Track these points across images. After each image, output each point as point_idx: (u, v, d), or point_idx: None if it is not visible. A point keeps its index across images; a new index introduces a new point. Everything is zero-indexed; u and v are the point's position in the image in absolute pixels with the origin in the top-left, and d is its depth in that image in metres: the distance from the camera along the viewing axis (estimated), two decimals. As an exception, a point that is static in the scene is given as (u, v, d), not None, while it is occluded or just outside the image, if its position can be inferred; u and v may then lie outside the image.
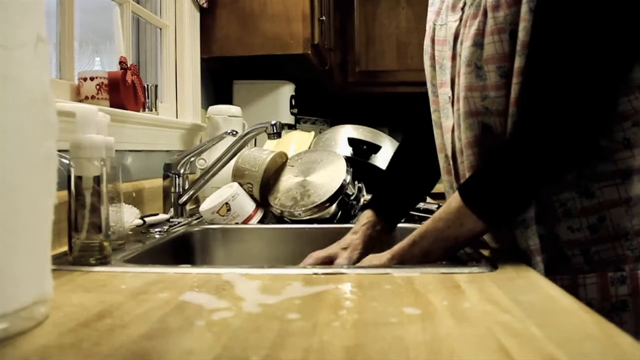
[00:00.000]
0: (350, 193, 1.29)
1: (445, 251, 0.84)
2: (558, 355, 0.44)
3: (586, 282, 0.83)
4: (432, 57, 0.99)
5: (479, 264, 0.78)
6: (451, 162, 0.96)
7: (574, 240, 0.84)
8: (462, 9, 0.90)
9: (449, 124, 0.95)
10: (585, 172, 0.83)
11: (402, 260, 0.85)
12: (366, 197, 1.31)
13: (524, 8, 0.79)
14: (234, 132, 1.44)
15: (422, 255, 0.84)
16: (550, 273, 0.81)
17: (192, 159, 1.39)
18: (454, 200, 0.82)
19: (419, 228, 0.86)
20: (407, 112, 3.20)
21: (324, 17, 2.39)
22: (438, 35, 0.97)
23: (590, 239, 0.83)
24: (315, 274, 0.74)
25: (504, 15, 0.81)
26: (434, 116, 1.02)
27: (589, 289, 0.83)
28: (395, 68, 3.19)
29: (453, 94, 0.93)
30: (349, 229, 1.20)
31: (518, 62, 0.81)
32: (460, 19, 0.90)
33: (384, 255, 0.88)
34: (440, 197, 1.08)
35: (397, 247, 0.87)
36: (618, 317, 0.81)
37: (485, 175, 0.83)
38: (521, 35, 0.80)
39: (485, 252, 0.87)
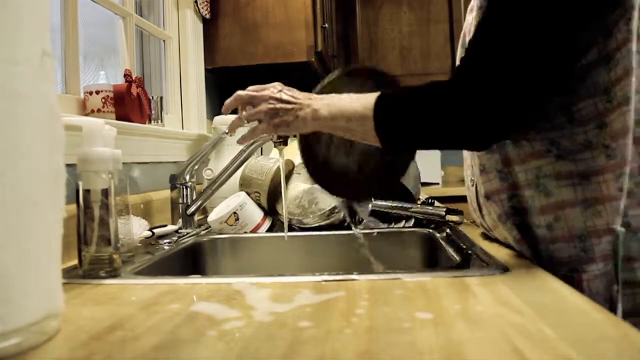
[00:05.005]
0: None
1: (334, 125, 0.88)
2: (573, 355, 0.44)
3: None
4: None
5: (490, 267, 0.78)
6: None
7: (541, 236, 0.85)
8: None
9: None
10: (546, 170, 0.83)
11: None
12: (374, 202, 1.30)
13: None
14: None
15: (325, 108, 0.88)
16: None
17: (196, 167, 1.39)
18: (370, 98, 0.84)
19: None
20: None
21: (326, 24, 2.39)
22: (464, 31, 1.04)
23: (548, 238, 0.84)
24: (326, 281, 0.73)
25: (472, 17, 0.90)
26: None
27: None
28: (399, 73, 3.19)
29: None
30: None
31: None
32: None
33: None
34: (448, 201, 1.08)
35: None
36: None
37: (404, 97, 0.84)
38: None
39: (496, 255, 0.86)
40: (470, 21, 0.95)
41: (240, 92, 1.00)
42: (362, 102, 0.84)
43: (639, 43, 0.78)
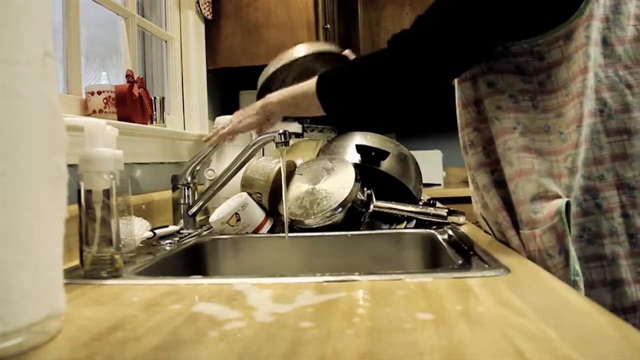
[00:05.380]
0: (360, 200, 1.29)
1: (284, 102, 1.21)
2: (574, 357, 0.44)
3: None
4: None
5: (491, 268, 0.78)
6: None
7: (513, 202, 0.98)
8: None
9: None
10: (510, 144, 0.95)
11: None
12: (375, 203, 1.30)
13: None
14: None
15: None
16: (515, 228, 0.99)
17: (198, 167, 1.39)
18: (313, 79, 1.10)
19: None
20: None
21: (328, 25, 2.39)
22: None
23: (514, 202, 0.97)
24: (327, 281, 0.73)
25: None
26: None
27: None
28: (401, 73, 3.19)
29: None
30: (359, 236, 1.20)
31: None
32: None
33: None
34: (450, 202, 1.09)
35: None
36: None
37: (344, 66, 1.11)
38: None
39: (498, 256, 0.86)
40: None
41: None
42: (306, 84, 1.11)
43: (598, 47, 0.91)
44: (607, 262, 0.90)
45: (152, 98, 1.56)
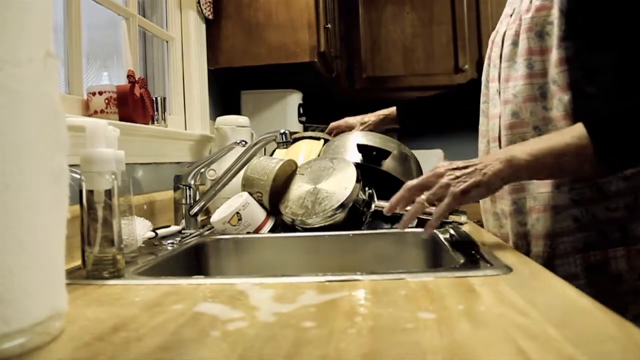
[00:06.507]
0: (361, 199, 1.29)
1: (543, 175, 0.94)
2: (577, 356, 0.44)
3: (617, 255, 0.96)
4: (489, 58, 1.19)
5: (493, 267, 0.78)
6: (490, 146, 1.14)
7: (612, 219, 0.96)
8: (511, 15, 1.12)
9: (496, 112, 1.12)
10: None
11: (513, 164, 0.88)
12: (377, 203, 1.30)
13: (555, 11, 0.97)
14: (243, 143, 1.44)
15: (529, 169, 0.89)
16: (583, 250, 0.97)
17: (202, 170, 1.39)
18: (574, 131, 0.88)
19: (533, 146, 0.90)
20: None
21: (329, 25, 2.39)
22: (496, 39, 1.17)
23: (626, 217, 0.96)
24: (329, 281, 0.73)
25: (531, 17, 1.01)
26: (483, 106, 1.22)
27: (619, 261, 0.95)
28: (402, 73, 3.19)
29: (499, 87, 1.11)
30: (360, 235, 1.20)
31: (557, 54, 0.97)
32: (508, 24, 1.11)
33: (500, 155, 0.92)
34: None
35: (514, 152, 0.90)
36: None
37: (614, 117, 0.89)
38: (556, 32, 0.97)
39: (499, 255, 0.86)
40: (525, 21, 1.04)
41: (409, 182, 0.97)
42: (568, 136, 0.88)
43: None
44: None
45: (154, 98, 1.56)
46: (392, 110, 1.60)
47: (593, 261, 0.95)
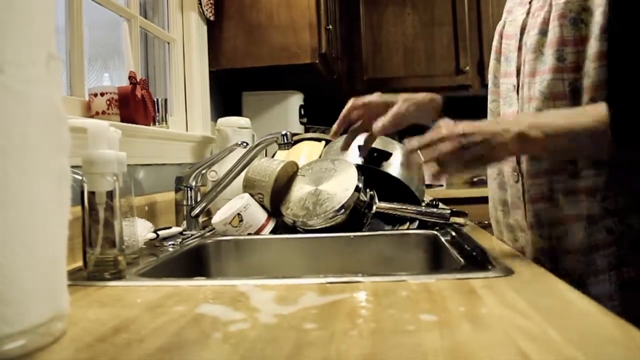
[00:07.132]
0: (363, 201, 1.29)
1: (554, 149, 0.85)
2: (579, 358, 0.44)
3: None
4: (498, 51, 1.10)
5: (494, 269, 0.78)
6: None
7: None
8: (530, 2, 1.01)
9: (512, 110, 1.02)
10: None
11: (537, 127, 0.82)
12: (378, 204, 1.30)
13: None
14: (245, 144, 1.44)
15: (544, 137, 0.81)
16: (616, 267, 0.86)
17: (204, 171, 1.40)
18: (596, 113, 0.81)
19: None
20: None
21: (330, 26, 2.39)
22: (507, 30, 1.07)
23: None
24: (330, 282, 0.73)
25: (565, 2, 0.89)
26: (491, 106, 1.12)
27: None
28: (403, 74, 3.19)
29: (518, 82, 1.01)
30: (362, 237, 1.20)
31: (597, 47, 0.86)
32: (528, 12, 1.01)
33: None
34: (452, 203, 1.08)
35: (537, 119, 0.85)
36: None
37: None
38: (599, 19, 0.85)
39: (501, 257, 0.86)
40: (537, 19, 0.96)
41: (411, 144, 0.85)
42: (586, 117, 0.82)
43: None
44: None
45: (155, 99, 1.56)
46: (438, 96, 1.18)
47: (627, 278, 0.84)
